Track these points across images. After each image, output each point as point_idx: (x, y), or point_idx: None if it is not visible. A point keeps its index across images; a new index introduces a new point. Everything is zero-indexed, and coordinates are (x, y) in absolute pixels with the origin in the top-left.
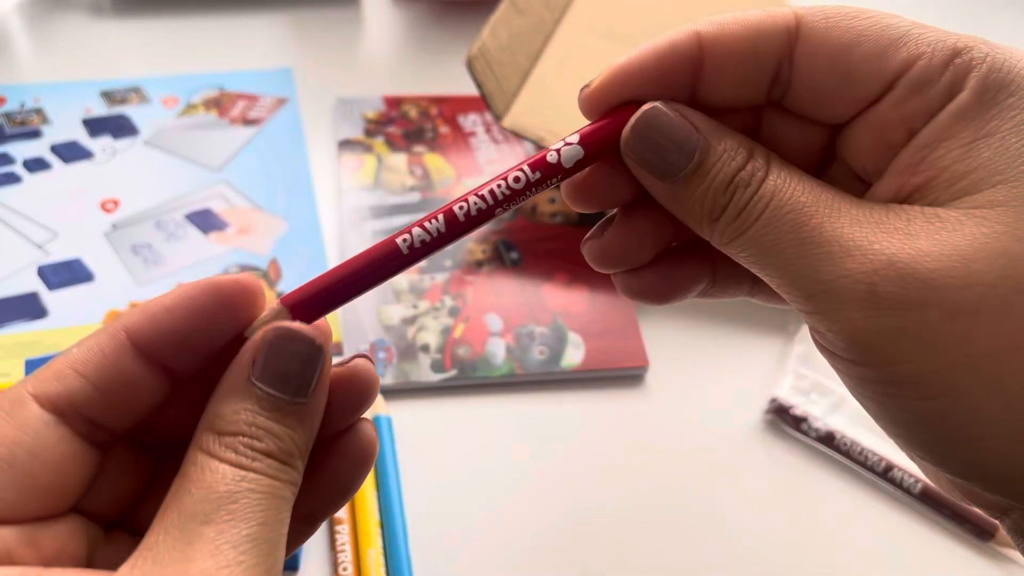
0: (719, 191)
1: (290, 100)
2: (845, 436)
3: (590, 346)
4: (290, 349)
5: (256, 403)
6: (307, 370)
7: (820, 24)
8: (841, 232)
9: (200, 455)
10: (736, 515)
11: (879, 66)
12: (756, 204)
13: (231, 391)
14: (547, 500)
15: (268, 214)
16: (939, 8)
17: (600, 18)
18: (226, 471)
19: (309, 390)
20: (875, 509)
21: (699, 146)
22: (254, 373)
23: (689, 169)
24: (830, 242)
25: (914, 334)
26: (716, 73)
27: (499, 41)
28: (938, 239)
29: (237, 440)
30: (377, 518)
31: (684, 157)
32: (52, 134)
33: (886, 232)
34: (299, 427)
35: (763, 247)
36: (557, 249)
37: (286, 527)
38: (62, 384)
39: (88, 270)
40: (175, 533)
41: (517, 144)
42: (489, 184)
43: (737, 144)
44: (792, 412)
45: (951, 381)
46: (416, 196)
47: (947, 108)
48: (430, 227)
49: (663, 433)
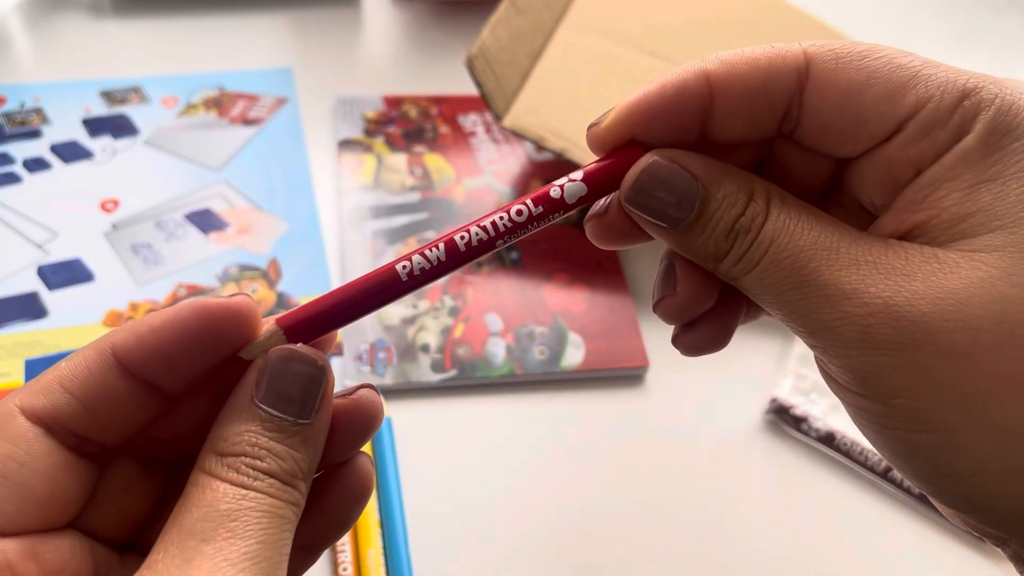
0: (720, 238)
1: (290, 100)
2: (845, 436)
3: (590, 346)
4: (293, 371)
5: (259, 424)
6: (310, 391)
7: (830, 65)
8: (838, 276)
9: (202, 476)
10: (736, 515)
11: (889, 109)
12: (756, 249)
13: (235, 413)
14: (547, 500)
15: (268, 214)
16: (939, 8)
17: (600, 18)
18: (227, 490)
19: (312, 411)
20: (875, 509)
21: (698, 196)
22: (257, 395)
23: (690, 220)
24: (827, 286)
25: (909, 372)
26: (726, 112)
27: (499, 41)
28: (934, 281)
29: (239, 460)
30: (377, 518)
31: (684, 209)
32: (52, 134)
33: (883, 273)
34: (302, 448)
35: (765, 288)
36: (557, 249)
37: (288, 547)
38: (48, 398)
39: (88, 270)
40: (174, 551)
41: (517, 144)
42: (491, 215)
43: (737, 188)
44: (792, 412)
45: (944, 417)
46: (416, 196)
47: (953, 150)
48: (430, 255)
49: (663, 433)
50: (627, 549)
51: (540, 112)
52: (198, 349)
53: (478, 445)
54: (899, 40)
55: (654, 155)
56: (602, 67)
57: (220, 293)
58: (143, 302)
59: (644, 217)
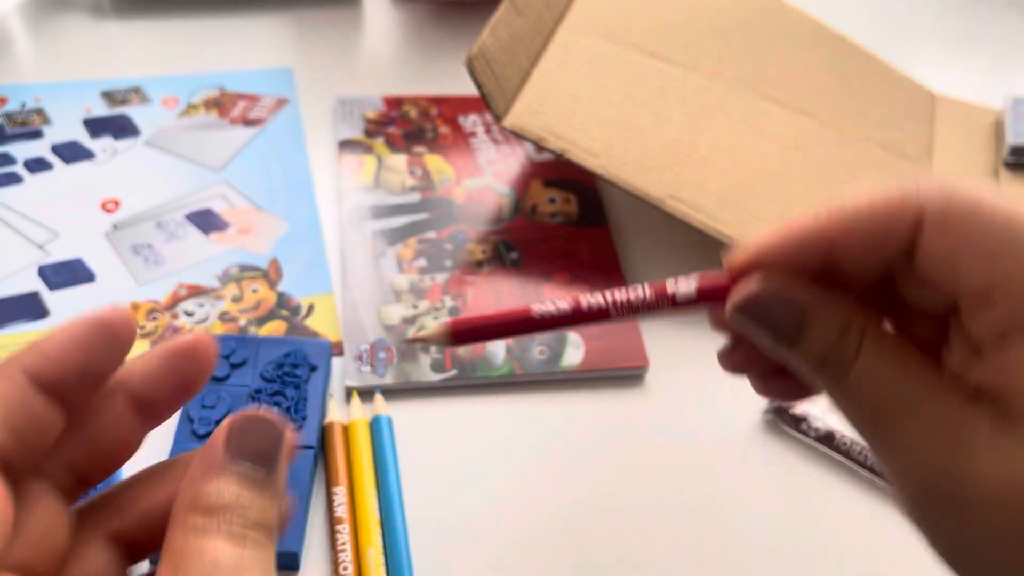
0: (815, 362)
1: (290, 100)
2: (845, 436)
3: (590, 346)
4: (260, 430)
5: (238, 479)
6: (277, 448)
7: (939, 218)
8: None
9: (191, 535)
10: (735, 514)
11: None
12: (841, 382)
13: (210, 471)
14: (547, 500)
15: (268, 214)
16: (939, 8)
17: (600, 18)
18: (224, 547)
19: (277, 465)
20: (875, 509)
21: (800, 322)
22: (231, 452)
23: (788, 342)
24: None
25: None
26: (843, 257)
27: (499, 41)
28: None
29: (228, 515)
30: (377, 518)
31: (786, 332)
32: (53, 134)
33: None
34: (276, 498)
35: (847, 414)
36: (557, 249)
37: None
38: None
39: (89, 270)
40: None
41: (517, 144)
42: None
43: (834, 320)
44: (792, 412)
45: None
46: (416, 196)
47: None
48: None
49: (663, 433)
50: (626, 549)
51: (540, 112)
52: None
53: (478, 445)
54: (899, 40)
55: (757, 287)
56: (602, 67)
57: (220, 293)
58: (144, 302)
59: (752, 331)
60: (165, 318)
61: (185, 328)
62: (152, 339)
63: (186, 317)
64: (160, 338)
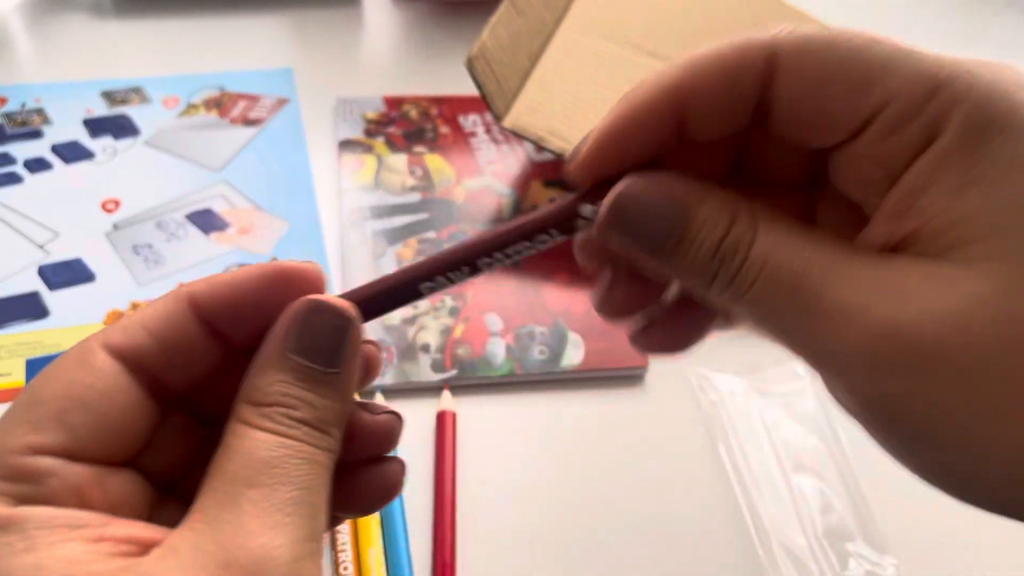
0: (705, 261)
1: (290, 100)
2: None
3: (590, 346)
4: (320, 321)
5: (290, 374)
6: (338, 341)
7: (794, 58)
8: (841, 296)
9: (239, 426)
10: (735, 514)
11: (854, 104)
12: (747, 272)
13: (267, 363)
14: (546, 500)
15: (269, 214)
16: (939, 8)
17: (600, 18)
18: (266, 439)
19: (340, 360)
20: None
21: (680, 218)
22: (288, 345)
23: (670, 244)
24: (828, 308)
25: (920, 398)
26: (697, 114)
27: (499, 41)
28: (934, 298)
29: (274, 410)
30: (378, 517)
31: (663, 234)
32: (53, 134)
33: (882, 293)
34: (333, 396)
35: (762, 312)
36: (557, 249)
37: (326, 493)
38: (129, 337)
39: (89, 270)
40: (222, 498)
41: (517, 144)
42: None
43: (719, 208)
44: None
45: (965, 439)
46: (416, 196)
47: (929, 150)
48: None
49: (663, 433)
50: (625, 549)
51: (540, 112)
52: (266, 304)
53: (478, 445)
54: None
55: (629, 179)
56: (602, 67)
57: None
58: (144, 302)
59: (625, 240)
60: None
61: None
62: None
63: None
64: None
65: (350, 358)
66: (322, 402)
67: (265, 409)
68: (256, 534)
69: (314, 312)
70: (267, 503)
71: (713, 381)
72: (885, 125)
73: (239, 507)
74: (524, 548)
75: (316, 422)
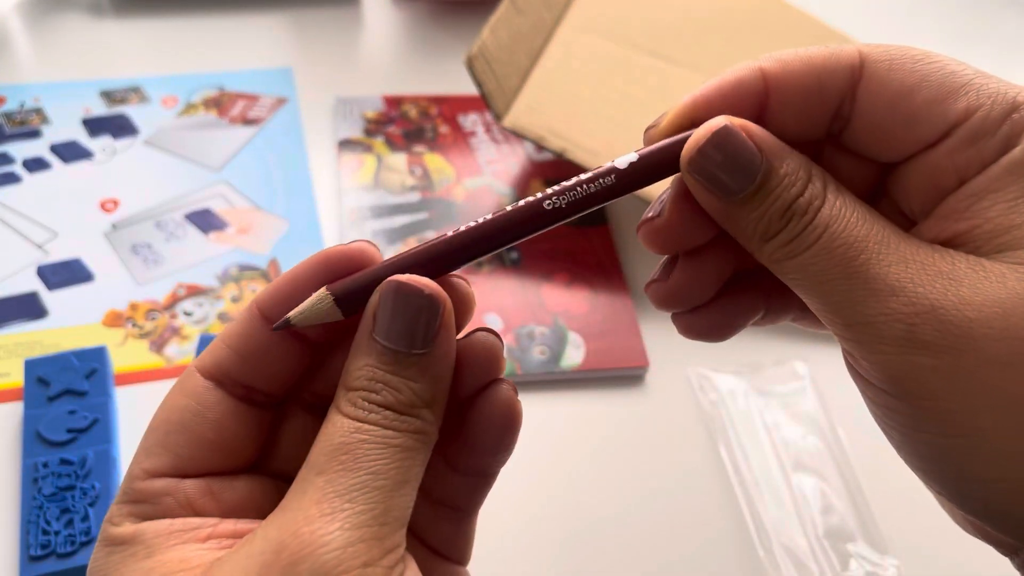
0: (775, 216)
1: (290, 100)
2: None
3: (590, 346)
4: (402, 303)
5: (376, 358)
6: (422, 320)
7: (884, 65)
8: (888, 271)
9: (331, 412)
10: (735, 514)
11: (939, 113)
12: (809, 233)
13: (357, 348)
14: (546, 500)
15: (268, 214)
16: (939, 8)
17: (600, 18)
18: (344, 424)
19: (427, 340)
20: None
21: (761, 168)
22: (374, 329)
23: (748, 192)
24: (876, 279)
25: (946, 375)
26: (780, 109)
27: (499, 41)
28: (981, 289)
29: (358, 395)
30: None
31: (746, 179)
32: (52, 134)
33: (931, 275)
34: (420, 378)
35: (810, 275)
36: (557, 249)
37: (411, 474)
38: (213, 356)
39: (88, 270)
40: (296, 486)
41: (517, 144)
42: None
43: (798, 167)
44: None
45: (976, 423)
46: (416, 196)
47: (1000, 161)
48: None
49: (663, 433)
50: (625, 549)
51: (540, 112)
52: None
53: None
54: (899, 38)
55: (724, 119)
56: (602, 67)
57: (220, 294)
58: (143, 302)
59: (703, 184)
60: (164, 318)
61: (184, 328)
62: (151, 339)
63: (185, 317)
64: (159, 338)
65: (439, 338)
66: (406, 384)
67: (351, 394)
68: (312, 520)
69: (395, 293)
70: (330, 488)
71: (713, 381)
72: (966, 136)
73: (305, 494)
74: (524, 548)
75: (399, 405)
